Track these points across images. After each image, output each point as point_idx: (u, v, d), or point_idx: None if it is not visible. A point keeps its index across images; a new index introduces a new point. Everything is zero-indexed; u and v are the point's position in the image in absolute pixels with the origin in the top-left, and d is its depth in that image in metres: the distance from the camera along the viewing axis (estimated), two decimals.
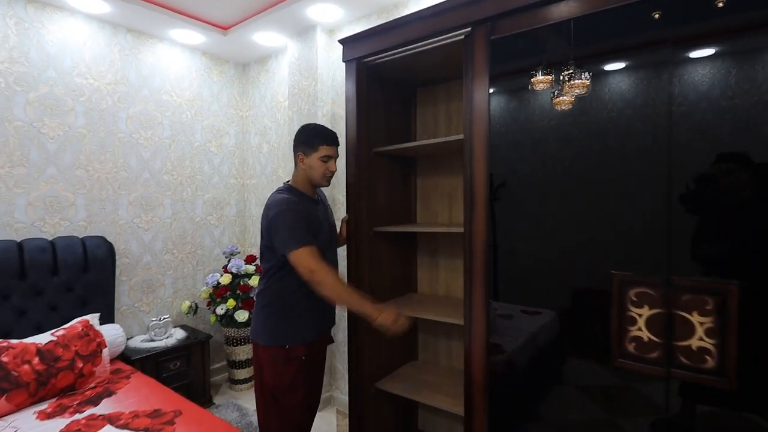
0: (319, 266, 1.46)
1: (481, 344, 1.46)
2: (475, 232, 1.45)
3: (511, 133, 1.48)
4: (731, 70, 3.01)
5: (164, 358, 2.44)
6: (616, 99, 3.76)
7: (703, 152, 1.18)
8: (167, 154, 2.80)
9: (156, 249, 2.75)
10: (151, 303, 2.74)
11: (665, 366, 1.14)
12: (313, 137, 1.63)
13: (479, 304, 1.46)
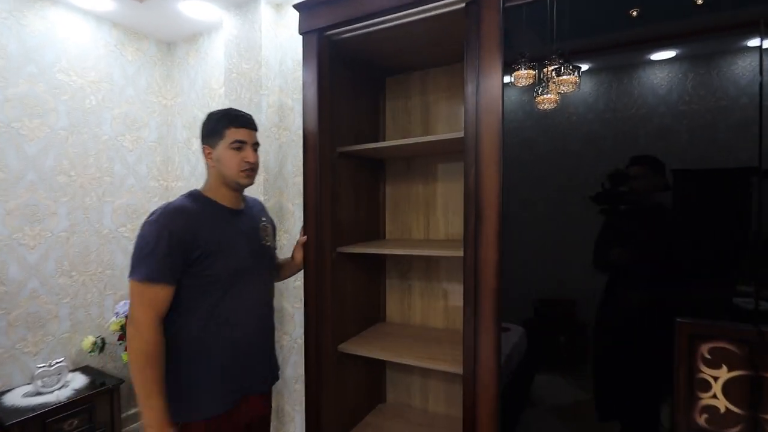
0: (146, 322, 1.08)
1: (489, 401, 1.13)
2: (483, 259, 1.11)
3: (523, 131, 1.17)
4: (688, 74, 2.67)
5: (55, 417, 1.86)
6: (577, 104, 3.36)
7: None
8: (63, 149, 2.18)
9: (46, 272, 2.13)
10: (39, 342, 2.11)
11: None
12: (216, 122, 1.25)
13: (489, 349, 1.12)
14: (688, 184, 2.28)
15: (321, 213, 1.43)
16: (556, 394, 2.87)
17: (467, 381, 1.16)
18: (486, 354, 1.12)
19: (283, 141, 2.19)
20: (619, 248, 2.17)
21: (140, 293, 1.10)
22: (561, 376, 2.87)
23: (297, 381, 2.19)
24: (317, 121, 1.42)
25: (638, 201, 2.18)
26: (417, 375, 1.79)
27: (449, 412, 1.73)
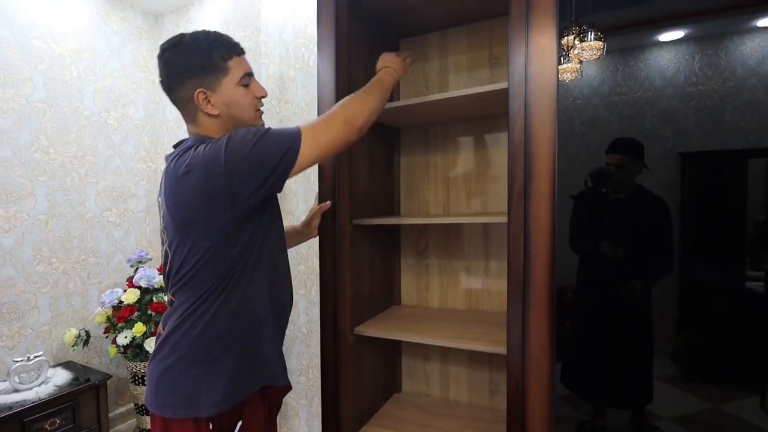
0: (339, 109, 0.97)
1: (543, 388, 1.00)
2: (534, 220, 0.98)
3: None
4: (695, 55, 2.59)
5: (35, 415, 1.68)
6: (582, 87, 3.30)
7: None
8: (40, 123, 1.99)
9: (23, 258, 1.93)
10: (15, 336, 1.92)
11: None
12: (207, 54, 0.93)
13: (541, 327, 0.99)
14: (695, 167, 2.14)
15: (339, 181, 1.29)
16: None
17: (512, 359, 1.03)
18: (538, 326, 1.00)
19: (284, 115, 2.03)
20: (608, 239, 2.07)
21: (315, 128, 0.92)
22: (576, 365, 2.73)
23: (301, 373, 2.04)
24: (334, 81, 1.27)
25: (620, 189, 2.08)
26: (436, 361, 1.66)
27: (472, 401, 1.60)
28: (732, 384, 2.85)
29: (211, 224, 0.88)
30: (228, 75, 0.94)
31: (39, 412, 1.69)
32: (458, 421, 1.48)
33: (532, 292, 0.99)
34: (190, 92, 0.93)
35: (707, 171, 3.43)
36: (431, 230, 1.66)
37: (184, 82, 0.93)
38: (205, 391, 0.92)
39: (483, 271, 1.57)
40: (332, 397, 1.32)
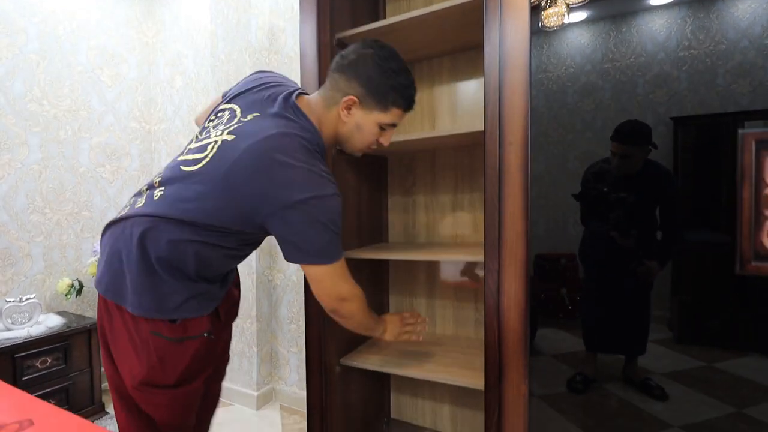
0: (353, 293, 1.02)
1: (517, 280, 1.01)
2: (507, 108, 1.00)
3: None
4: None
5: (26, 352, 1.70)
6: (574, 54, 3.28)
7: None
8: (33, 74, 2.01)
9: (16, 206, 1.96)
10: (9, 281, 1.94)
11: None
12: (390, 89, 0.98)
13: (516, 209, 1.00)
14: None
15: None
16: (559, 345, 2.77)
17: (491, 246, 1.05)
18: (512, 212, 1.01)
19: (273, 66, 2.06)
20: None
21: (337, 273, 0.96)
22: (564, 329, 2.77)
23: (291, 321, 2.06)
24: (316, 5, 1.30)
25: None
26: (422, 297, 1.67)
27: (458, 333, 1.62)
28: (727, 345, 2.85)
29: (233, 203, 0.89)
30: (382, 114, 1.00)
31: (30, 349, 1.71)
32: (442, 347, 1.50)
33: (507, 177, 1.01)
34: (348, 90, 0.98)
35: (700, 135, 3.45)
36: (417, 154, 1.67)
37: (354, 82, 0.97)
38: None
39: (467, 204, 1.59)
40: (315, 322, 1.34)
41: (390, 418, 1.74)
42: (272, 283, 2.09)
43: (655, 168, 2.26)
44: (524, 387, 1.00)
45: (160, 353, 0.91)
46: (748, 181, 0.80)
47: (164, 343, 0.91)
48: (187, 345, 0.94)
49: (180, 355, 0.93)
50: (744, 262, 0.85)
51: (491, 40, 1.03)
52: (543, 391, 2.29)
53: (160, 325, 0.91)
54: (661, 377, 2.40)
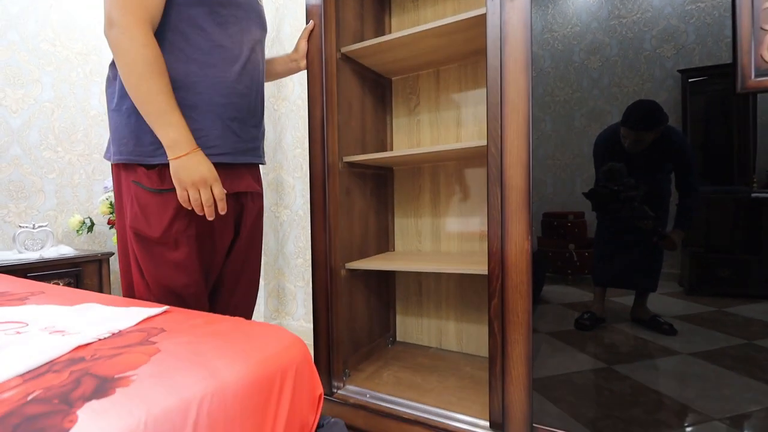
0: (134, 21, 0.82)
1: (522, 149, 1.01)
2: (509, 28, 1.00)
3: None
4: None
5: (38, 272, 1.73)
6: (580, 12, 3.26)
7: None
8: (47, 14, 2.06)
9: (29, 141, 2.00)
10: (23, 213, 1.98)
11: None
12: None
13: (519, 92, 1.01)
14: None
15: (325, 8, 1.32)
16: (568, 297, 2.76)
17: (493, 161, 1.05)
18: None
19: (281, 112, 2.08)
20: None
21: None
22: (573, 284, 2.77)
23: (298, 256, 2.07)
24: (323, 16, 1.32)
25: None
26: (427, 216, 1.68)
27: (462, 249, 1.62)
28: (738, 294, 2.81)
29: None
30: None
31: (42, 270, 1.74)
32: (447, 257, 1.50)
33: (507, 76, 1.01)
34: None
35: (709, 87, 3.42)
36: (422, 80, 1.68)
37: None
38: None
39: (471, 119, 1.59)
40: (321, 225, 1.35)
41: (395, 339, 1.74)
42: (279, 219, 2.11)
43: (670, 134, 2.25)
44: (527, 244, 1.00)
45: (141, 202, 0.92)
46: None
47: (143, 193, 0.91)
48: (167, 198, 0.92)
49: (161, 209, 0.91)
50: (745, 78, 0.84)
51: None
52: (551, 329, 2.29)
53: (140, 173, 0.91)
54: (670, 318, 2.38)
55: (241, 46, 1.03)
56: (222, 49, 0.98)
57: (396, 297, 1.75)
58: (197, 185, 0.87)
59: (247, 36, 1.05)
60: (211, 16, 0.96)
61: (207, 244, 1.00)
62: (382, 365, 1.50)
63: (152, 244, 0.93)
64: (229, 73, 0.99)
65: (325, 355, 1.36)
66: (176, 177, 0.87)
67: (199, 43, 0.95)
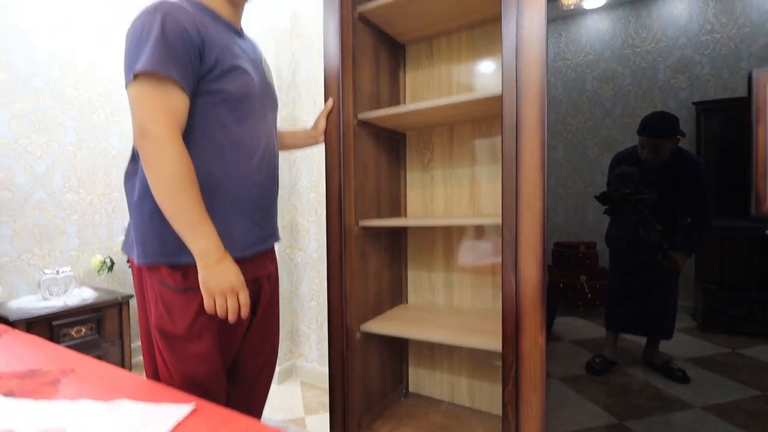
0: (159, 132, 0.83)
1: (536, 239, 1.03)
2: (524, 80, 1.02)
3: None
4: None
5: (62, 320, 1.79)
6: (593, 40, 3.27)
7: None
8: (71, 58, 2.12)
9: (54, 185, 2.06)
10: (46, 256, 2.04)
11: None
12: None
13: (534, 185, 1.03)
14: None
15: (343, 77, 1.35)
16: (578, 332, 2.76)
17: (507, 225, 1.07)
18: (529, 192, 1.03)
19: (296, 49, 2.12)
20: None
21: (149, 94, 0.83)
22: (584, 316, 2.77)
23: (312, 299, 2.11)
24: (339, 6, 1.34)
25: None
26: (440, 271, 1.70)
27: (475, 305, 1.64)
28: (753, 332, 2.79)
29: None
30: None
31: (66, 317, 1.80)
32: (460, 317, 1.52)
33: (524, 131, 1.03)
34: None
35: (723, 120, 3.39)
36: (434, 133, 1.70)
37: None
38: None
39: (485, 176, 1.61)
40: (337, 286, 1.38)
41: (408, 391, 1.77)
42: (293, 261, 2.15)
43: (685, 156, 2.25)
44: (541, 338, 1.02)
45: (165, 301, 0.93)
46: (763, 121, 0.81)
47: (168, 292, 0.93)
48: (191, 296, 0.93)
49: (185, 306, 0.93)
50: (760, 202, 0.85)
51: (509, 22, 1.06)
52: (562, 372, 2.30)
53: (164, 273, 0.93)
54: (683, 362, 2.37)
55: (258, 138, 1.05)
56: (241, 145, 1.00)
57: (409, 349, 1.78)
58: (225, 293, 0.89)
59: (263, 124, 1.07)
60: (231, 113, 0.98)
61: (226, 330, 1.03)
62: (395, 425, 1.53)
63: (176, 340, 0.96)
64: (248, 167, 1.02)
65: (340, 421, 1.39)
66: (205, 285, 0.89)
67: (221, 141, 0.97)
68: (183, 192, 0.85)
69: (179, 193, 0.85)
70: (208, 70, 0.93)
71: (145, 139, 0.85)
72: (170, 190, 0.85)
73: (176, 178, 0.85)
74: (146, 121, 0.84)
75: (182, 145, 0.87)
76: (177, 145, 0.86)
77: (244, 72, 1.00)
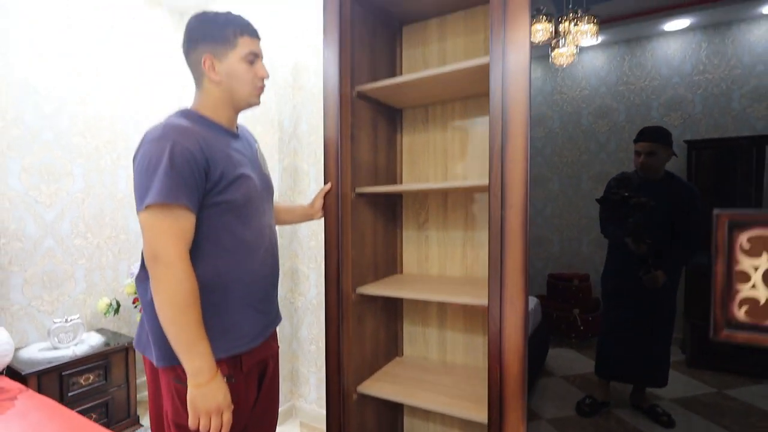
0: (170, 258, 0.90)
1: (517, 330, 1.11)
2: (509, 174, 1.09)
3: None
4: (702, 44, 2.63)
5: (71, 370, 1.86)
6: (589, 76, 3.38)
7: None
8: (81, 108, 2.19)
9: (62, 232, 2.14)
10: (55, 301, 2.12)
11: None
12: (223, 27, 1.04)
13: (517, 263, 1.10)
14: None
15: (342, 152, 1.42)
16: (570, 366, 2.83)
17: (492, 309, 1.14)
18: (512, 267, 1.10)
19: (297, 101, 2.18)
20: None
21: (159, 221, 0.91)
22: (576, 348, 2.84)
23: (311, 342, 2.18)
24: (338, 60, 1.41)
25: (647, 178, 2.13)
26: (434, 327, 1.77)
27: (467, 362, 1.71)
28: (739, 371, 2.85)
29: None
30: (235, 49, 1.05)
31: (75, 367, 1.87)
32: (453, 378, 1.59)
33: (508, 237, 1.10)
34: (200, 57, 1.05)
35: (714, 158, 3.47)
36: (431, 203, 1.77)
37: (198, 47, 1.05)
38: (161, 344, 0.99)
39: (479, 240, 1.68)
40: (335, 353, 1.45)
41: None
42: (294, 305, 2.22)
43: (678, 180, 2.33)
44: (522, 428, 1.09)
45: (182, 398, 0.97)
46: (722, 257, 0.88)
47: (185, 390, 0.96)
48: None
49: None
50: (717, 330, 0.92)
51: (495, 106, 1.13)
52: (552, 413, 2.37)
53: (179, 372, 0.97)
54: (670, 403, 2.44)
55: (262, 233, 1.12)
56: (247, 244, 1.07)
57: (404, 408, 1.85)
58: (210, 413, 0.93)
59: (265, 219, 1.14)
60: (237, 218, 1.05)
61: (236, 413, 1.10)
62: None
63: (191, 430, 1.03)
64: (255, 262, 1.09)
65: None
66: (192, 404, 0.93)
67: (228, 244, 1.03)
68: (185, 315, 0.91)
69: (182, 316, 0.91)
70: (214, 184, 0.99)
71: (156, 262, 0.91)
72: (176, 309, 0.91)
73: (184, 296, 0.91)
74: (158, 246, 0.91)
75: (189, 267, 0.94)
76: (186, 265, 0.93)
77: (247, 178, 1.07)
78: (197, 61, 1.06)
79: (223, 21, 1.05)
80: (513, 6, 1.10)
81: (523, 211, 1.07)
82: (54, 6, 2.09)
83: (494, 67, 1.11)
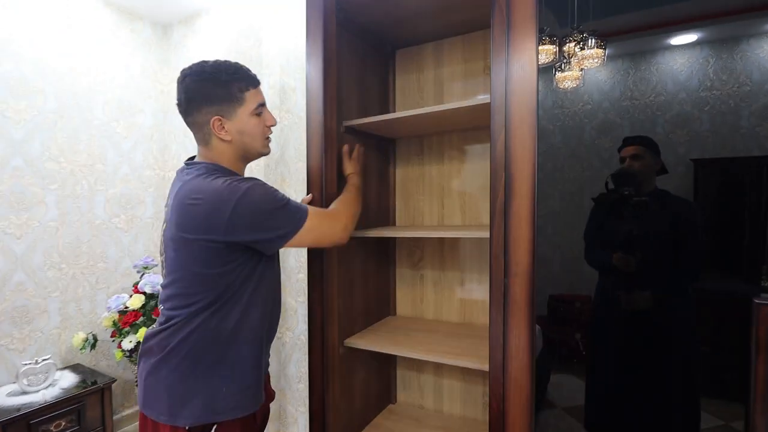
0: (339, 214, 1.13)
1: (523, 402, 0.98)
2: (513, 236, 0.97)
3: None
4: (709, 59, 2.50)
5: (41, 417, 1.73)
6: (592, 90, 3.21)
7: None
8: (52, 134, 2.06)
9: (33, 264, 2.00)
10: (26, 338, 1.99)
11: None
12: (227, 84, 1.00)
13: (522, 341, 0.98)
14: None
15: (327, 192, 1.30)
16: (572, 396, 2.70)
17: (495, 377, 1.02)
18: (517, 345, 0.98)
19: (284, 124, 2.06)
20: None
21: (315, 223, 1.03)
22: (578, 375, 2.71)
23: (300, 380, 2.06)
24: (322, 93, 1.28)
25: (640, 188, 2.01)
26: (430, 373, 1.66)
27: (465, 413, 1.59)
28: (746, 400, 2.73)
29: (201, 252, 0.94)
30: (244, 105, 1.02)
31: (45, 414, 1.74)
32: None
33: (512, 308, 0.98)
34: (206, 118, 1.00)
35: (721, 178, 3.34)
36: (426, 243, 1.65)
37: (202, 108, 1.00)
38: (186, 402, 0.95)
39: (476, 283, 1.56)
40: (319, 411, 1.33)
41: None
42: (281, 340, 2.10)
43: (674, 197, 2.19)
44: None
45: None
46: (764, 355, 0.76)
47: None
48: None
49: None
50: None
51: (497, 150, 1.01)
52: None
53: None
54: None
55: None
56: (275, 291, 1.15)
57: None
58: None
59: None
60: (270, 269, 1.10)
61: None
62: None
63: None
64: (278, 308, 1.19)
65: None
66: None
67: (267, 295, 1.09)
68: (357, 204, 1.24)
69: (359, 203, 1.26)
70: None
71: (343, 225, 1.12)
72: (358, 209, 1.23)
73: (357, 211, 1.22)
74: (329, 227, 1.09)
75: (343, 205, 1.21)
76: (348, 209, 1.19)
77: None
78: (203, 123, 1.01)
79: (226, 78, 1.00)
80: (517, 30, 0.97)
81: (530, 280, 0.95)
82: (25, 24, 1.95)
83: (496, 117, 0.99)
